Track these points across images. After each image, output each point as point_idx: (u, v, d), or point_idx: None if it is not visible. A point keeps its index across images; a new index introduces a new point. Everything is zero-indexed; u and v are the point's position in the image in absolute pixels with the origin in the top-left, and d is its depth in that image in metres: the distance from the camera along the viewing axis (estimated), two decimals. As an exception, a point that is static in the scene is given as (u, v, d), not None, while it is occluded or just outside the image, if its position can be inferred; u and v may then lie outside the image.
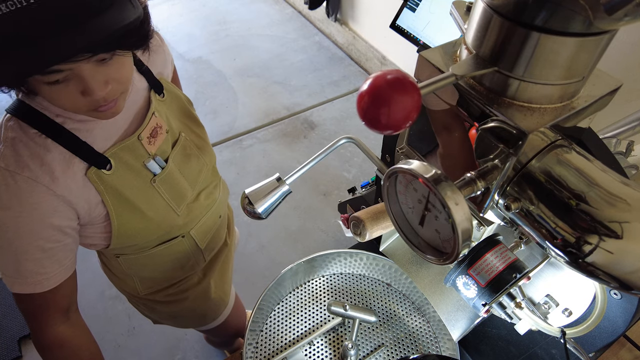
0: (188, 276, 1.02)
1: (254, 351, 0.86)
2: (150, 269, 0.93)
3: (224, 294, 1.16)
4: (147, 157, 0.77)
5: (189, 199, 0.87)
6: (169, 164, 0.81)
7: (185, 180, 0.86)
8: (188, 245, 0.93)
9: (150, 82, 0.80)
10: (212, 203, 0.96)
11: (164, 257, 0.91)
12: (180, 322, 1.15)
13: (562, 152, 0.41)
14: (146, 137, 0.77)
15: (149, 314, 1.10)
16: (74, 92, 0.58)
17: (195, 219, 0.91)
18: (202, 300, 1.08)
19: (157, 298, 1.01)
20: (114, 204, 0.73)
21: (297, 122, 2.62)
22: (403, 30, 1.52)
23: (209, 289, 1.08)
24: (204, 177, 0.92)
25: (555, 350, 0.77)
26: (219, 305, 1.15)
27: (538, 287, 0.67)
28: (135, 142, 0.75)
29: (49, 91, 0.57)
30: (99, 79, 0.58)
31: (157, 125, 0.79)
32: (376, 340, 0.89)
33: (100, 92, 0.58)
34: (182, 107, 0.89)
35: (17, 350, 1.65)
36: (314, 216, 2.13)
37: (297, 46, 3.23)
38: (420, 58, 0.48)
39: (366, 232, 0.63)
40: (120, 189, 0.73)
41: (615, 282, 0.37)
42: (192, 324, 1.19)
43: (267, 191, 0.66)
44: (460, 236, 0.40)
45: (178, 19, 3.54)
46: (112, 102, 0.63)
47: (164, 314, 1.08)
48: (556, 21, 0.34)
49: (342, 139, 0.70)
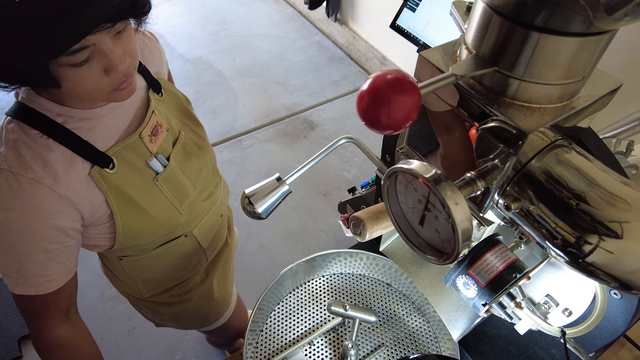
0: (191, 276, 1.02)
1: (254, 351, 0.86)
2: (153, 271, 0.93)
3: (227, 294, 1.16)
4: (149, 156, 0.77)
5: (191, 197, 0.87)
6: (170, 163, 0.81)
7: (187, 179, 0.86)
8: (190, 245, 0.93)
9: (148, 81, 0.80)
10: (214, 202, 0.97)
11: (166, 257, 0.91)
12: (183, 323, 1.15)
13: (562, 152, 0.41)
14: (147, 136, 0.77)
15: (151, 316, 1.10)
16: (98, 71, 0.60)
17: (197, 218, 0.91)
18: (205, 301, 1.08)
19: (160, 300, 1.01)
20: (118, 204, 0.73)
21: (297, 122, 2.62)
22: (403, 30, 1.52)
23: (211, 289, 1.08)
24: (204, 175, 0.92)
25: (555, 350, 0.77)
26: (221, 305, 1.15)
27: (538, 287, 0.67)
28: (137, 140, 0.75)
29: (74, 76, 0.58)
30: (118, 53, 0.60)
31: (157, 124, 0.79)
32: (376, 340, 0.89)
33: (122, 66, 0.61)
34: (180, 106, 0.89)
35: (17, 350, 1.65)
36: (314, 216, 2.13)
37: (297, 46, 3.23)
38: (420, 58, 0.48)
39: (366, 232, 0.63)
40: (123, 188, 0.73)
41: (615, 282, 0.37)
42: (195, 325, 1.19)
43: (267, 191, 0.66)
44: (460, 236, 0.40)
45: (178, 19, 3.54)
46: (130, 79, 0.65)
47: (167, 316, 1.08)
48: (556, 21, 0.34)
49: (342, 139, 0.70)
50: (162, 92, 0.83)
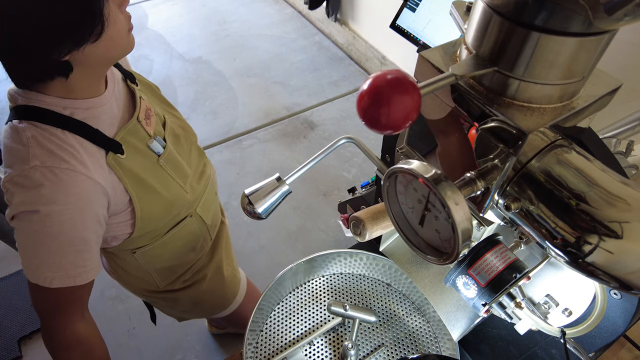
0: (200, 258, 1.05)
1: (254, 351, 0.86)
2: (165, 258, 0.95)
3: (235, 269, 1.21)
4: (149, 138, 0.80)
5: (190, 176, 0.91)
6: (167, 144, 0.84)
7: (182, 159, 0.90)
8: (196, 224, 0.96)
9: (122, 73, 0.83)
10: (207, 180, 1.00)
11: (177, 241, 0.94)
12: (204, 309, 1.17)
13: (562, 152, 0.41)
14: (143, 119, 0.80)
15: (171, 310, 1.12)
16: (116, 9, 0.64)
17: (198, 197, 0.95)
18: (217, 279, 1.11)
19: (176, 287, 1.03)
20: (134, 188, 0.75)
21: (297, 122, 2.62)
22: (403, 30, 1.52)
23: (221, 266, 1.11)
24: (194, 155, 0.96)
25: (555, 350, 0.77)
26: (233, 281, 1.19)
27: (538, 287, 0.67)
28: (136, 124, 0.78)
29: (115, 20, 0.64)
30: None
31: (147, 108, 0.83)
32: (376, 340, 0.89)
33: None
34: (155, 94, 0.93)
35: (17, 350, 1.65)
36: (314, 216, 2.13)
37: (297, 46, 3.23)
38: (420, 58, 0.48)
39: (366, 232, 0.63)
40: (136, 171, 0.75)
41: (615, 282, 0.37)
42: (217, 308, 1.21)
43: (267, 191, 0.66)
44: (460, 236, 0.40)
45: (178, 19, 3.54)
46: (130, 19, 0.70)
47: (186, 304, 1.09)
48: (556, 21, 0.34)
49: (342, 139, 0.70)
50: (137, 82, 0.86)
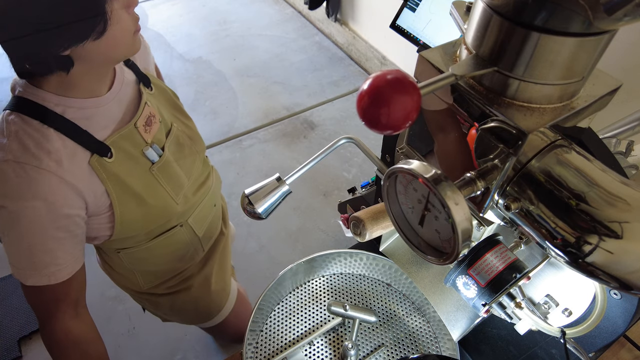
0: (189, 267, 1.03)
1: (254, 351, 0.86)
2: (151, 262, 0.94)
3: (225, 284, 1.17)
4: (145, 145, 0.79)
5: (185, 187, 0.89)
6: (165, 153, 0.83)
7: (181, 169, 0.88)
8: (186, 234, 0.95)
9: (137, 75, 0.82)
10: (206, 192, 0.99)
11: (163, 248, 0.93)
12: (186, 317, 1.16)
13: (562, 152, 0.41)
14: (142, 126, 0.79)
15: (154, 310, 1.11)
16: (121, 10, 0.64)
17: (191, 208, 0.93)
18: (203, 290, 1.09)
19: (158, 291, 1.02)
20: (117, 192, 0.75)
21: (297, 122, 2.62)
22: (403, 30, 1.52)
23: (209, 279, 1.09)
24: (197, 166, 0.95)
25: (555, 350, 0.77)
26: (220, 296, 1.16)
27: (538, 287, 0.67)
28: (132, 129, 0.77)
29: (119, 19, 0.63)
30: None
31: (150, 114, 0.82)
32: (376, 340, 0.89)
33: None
34: (170, 100, 0.92)
35: (17, 350, 1.65)
36: (314, 216, 2.13)
37: (297, 46, 3.23)
38: (420, 58, 0.48)
39: (366, 232, 0.63)
40: (121, 176, 0.75)
41: (615, 282, 0.37)
42: (198, 319, 1.19)
43: (267, 191, 0.66)
44: (460, 236, 0.40)
45: (178, 19, 3.54)
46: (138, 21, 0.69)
47: (167, 309, 1.09)
48: (556, 21, 0.34)
49: (342, 139, 0.70)
50: (152, 86, 0.85)
